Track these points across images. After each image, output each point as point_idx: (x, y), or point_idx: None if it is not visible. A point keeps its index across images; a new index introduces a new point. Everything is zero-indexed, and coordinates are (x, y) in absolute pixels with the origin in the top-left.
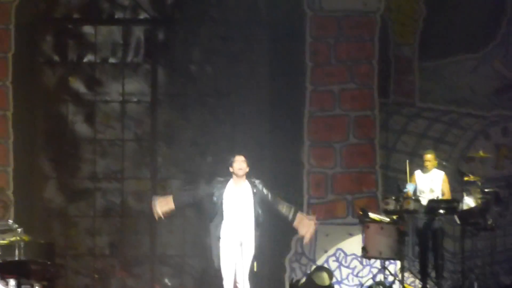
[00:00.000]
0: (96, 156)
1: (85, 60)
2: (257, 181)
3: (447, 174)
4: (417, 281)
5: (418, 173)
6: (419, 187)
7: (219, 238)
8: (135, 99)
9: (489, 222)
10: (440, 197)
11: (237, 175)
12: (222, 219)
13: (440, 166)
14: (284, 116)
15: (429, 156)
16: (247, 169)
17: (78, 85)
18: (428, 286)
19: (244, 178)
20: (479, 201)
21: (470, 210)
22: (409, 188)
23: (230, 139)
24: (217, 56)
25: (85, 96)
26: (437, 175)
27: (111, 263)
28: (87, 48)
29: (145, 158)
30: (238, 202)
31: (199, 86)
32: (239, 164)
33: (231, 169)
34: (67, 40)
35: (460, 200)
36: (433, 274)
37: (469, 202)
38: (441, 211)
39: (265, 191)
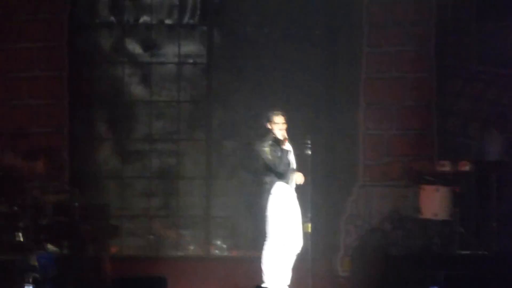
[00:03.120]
0: (151, 118)
1: (141, 21)
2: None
3: None
4: None
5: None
6: None
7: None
8: (191, 61)
9: None
10: None
11: (277, 137)
12: (278, 178)
13: None
14: (340, 78)
15: None
16: (285, 126)
17: (134, 47)
18: None
19: None
20: None
21: None
22: None
23: (286, 102)
24: (273, 18)
25: (141, 58)
26: None
27: (166, 225)
28: (143, 9)
29: (200, 120)
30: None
31: (255, 48)
32: (280, 126)
33: (268, 125)
34: (123, 1)
35: None
36: None
37: None
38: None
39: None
